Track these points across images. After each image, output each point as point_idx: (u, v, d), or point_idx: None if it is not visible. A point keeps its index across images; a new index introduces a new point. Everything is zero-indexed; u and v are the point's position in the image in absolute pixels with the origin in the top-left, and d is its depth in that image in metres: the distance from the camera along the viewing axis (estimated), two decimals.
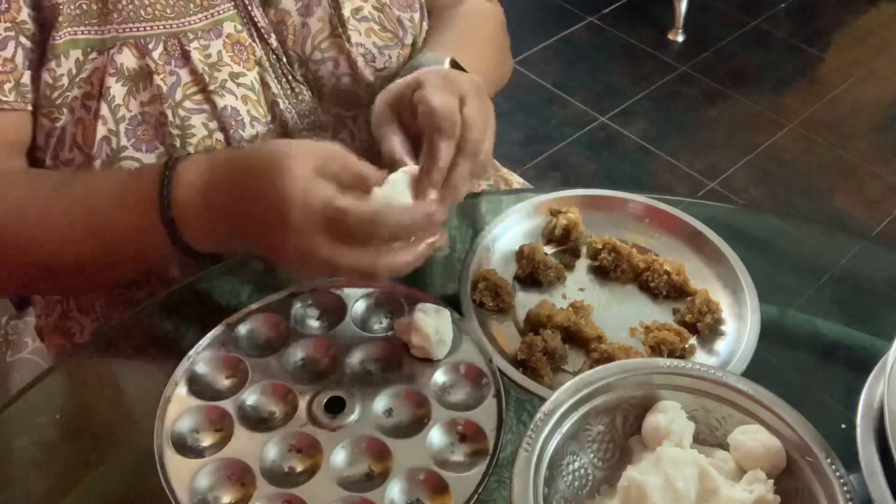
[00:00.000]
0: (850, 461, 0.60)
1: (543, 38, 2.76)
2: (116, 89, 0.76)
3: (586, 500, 0.64)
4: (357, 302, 0.77)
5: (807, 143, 2.46)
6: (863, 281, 0.90)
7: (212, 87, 0.79)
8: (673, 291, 0.82)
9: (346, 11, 0.84)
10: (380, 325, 0.76)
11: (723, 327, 0.79)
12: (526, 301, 0.81)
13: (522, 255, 0.84)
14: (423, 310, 0.73)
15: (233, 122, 0.80)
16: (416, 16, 0.90)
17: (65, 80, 0.76)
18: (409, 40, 0.89)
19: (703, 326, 0.79)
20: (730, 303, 0.81)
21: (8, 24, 0.74)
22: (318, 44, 0.84)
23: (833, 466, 0.59)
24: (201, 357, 0.72)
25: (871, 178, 2.35)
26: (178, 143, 0.78)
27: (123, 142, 0.77)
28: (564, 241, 0.87)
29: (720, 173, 2.35)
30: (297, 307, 0.76)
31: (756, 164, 2.38)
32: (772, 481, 0.61)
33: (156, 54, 0.77)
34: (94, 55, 0.76)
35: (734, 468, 0.63)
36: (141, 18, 0.77)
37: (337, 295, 0.77)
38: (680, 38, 2.78)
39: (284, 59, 0.84)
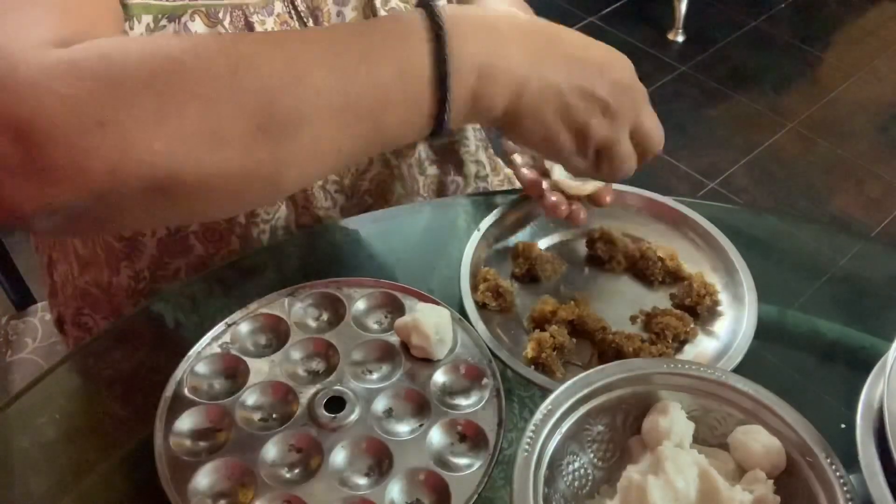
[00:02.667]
0: (850, 461, 0.60)
1: None
2: None
3: (586, 500, 0.63)
4: (357, 302, 0.77)
5: (807, 143, 2.46)
6: (863, 281, 0.90)
7: None
8: (668, 277, 0.83)
9: (377, 2, 0.87)
10: (380, 325, 0.76)
11: (720, 308, 0.80)
12: (526, 298, 0.82)
13: (518, 253, 0.84)
14: (423, 310, 0.73)
15: None
16: (442, 1, 0.88)
17: None
18: None
19: (703, 309, 0.80)
20: (724, 283, 0.82)
21: None
22: None
23: (833, 466, 0.59)
24: (201, 357, 0.72)
25: (871, 178, 2.35)
26: None
27: None
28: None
29: (720, 173, 2.35)
30: (297, 307, 0.77)
31: (756, 164, 2.38)
32: (772, 481, 0.61)
33: (225, 23, 0.77)
34: (164, 22, 0.75)
35: (734, 468, 0.63)
36: None
37: (337, 295, 0.77)
38: (680, 38, 2.78)
39: None
